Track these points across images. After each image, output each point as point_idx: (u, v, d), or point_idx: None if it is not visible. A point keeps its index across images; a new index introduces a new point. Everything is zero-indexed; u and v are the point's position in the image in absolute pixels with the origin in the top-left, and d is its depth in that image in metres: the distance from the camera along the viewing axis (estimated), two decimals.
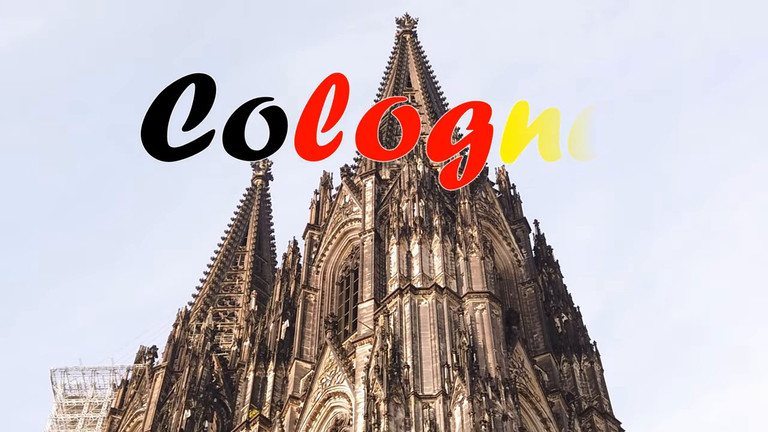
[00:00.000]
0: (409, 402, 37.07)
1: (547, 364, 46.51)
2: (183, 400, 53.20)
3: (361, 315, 44.26)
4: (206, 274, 76.97)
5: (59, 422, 64.63)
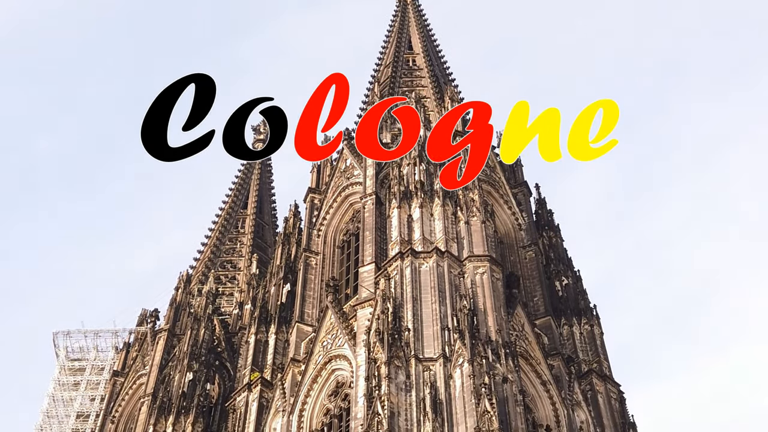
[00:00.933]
0: (409, 365, 37.25)
1: (547, 327, 46.68)
2: (185, 363, 53.44)
3: (362, 278, 44.37)
4: (207, 238, 77.03)
5: (62, 384, 64.97)
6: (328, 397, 41.99)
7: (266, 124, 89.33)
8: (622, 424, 43.49)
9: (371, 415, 34.71)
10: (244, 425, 43.70)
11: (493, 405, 34.25)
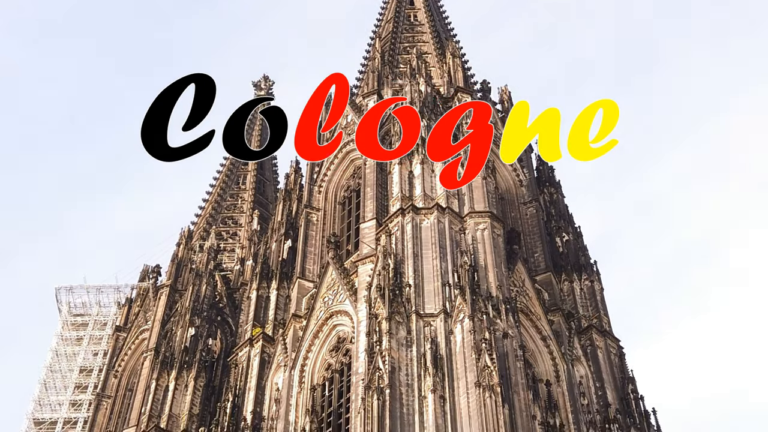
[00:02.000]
0: (410, 320, 37.43)
1: (547, 283, 46.84)
2: (187, 318, 53.71)
3: (363, 234, 44.44)
4: (209, 194, 77.04)
5: (65, 339, 65.40)
6: (330, 352, 42.24)
7: (267, 79, 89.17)
8: (621, 379, 43.77)
9: (372, 370, 34.94)
10: (246, 380, 44.01)
11: (494, 360, 34.46)
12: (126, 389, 58.54)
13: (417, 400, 34.42)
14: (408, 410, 34.05)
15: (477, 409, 33.22)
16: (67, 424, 59.99)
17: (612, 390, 42.94)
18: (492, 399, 33.10)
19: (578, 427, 39.95)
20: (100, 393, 58.77)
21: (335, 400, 40.25)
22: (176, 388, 49.75)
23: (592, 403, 41.71)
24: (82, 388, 62.20)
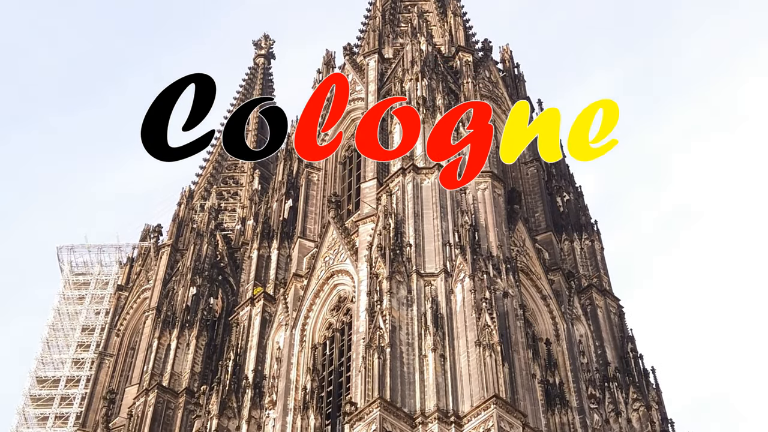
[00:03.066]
0: (411, 280, 37.56)
1: (548, 242, 46.93)
2: (188, 278, 53.87)
3: (363, 194, 44.46)
4: (209, 154, 76.94)
5: (67, 298, 65.66)
6: (331, 311, 42.43)
7: (268, 38, 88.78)
8: (621, 338, 43.99)
9: (373, 329, 35.11)
10: (247, 339, 44.24)
11: (494, 319, 34.62)
12: (128, 348, 58.91)
13: (417, 359, 34.63)
14: (408, 369, 34.27)
15: (477, 367, 33.44)
16: (69, 382, 60.42)
17: (611, 349, 43.19)
18: (492, 358, 33.30)
19: (577, 386, 40.24)
20: (102, 351, 59.15)
21: (336, 359, 40.50)
22: (178, 346, 50.03)
23: (592, 362, 41.97)
24: (84, 347, 62.57)
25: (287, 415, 39.03)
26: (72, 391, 59.72)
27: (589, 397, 40.34)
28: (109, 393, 53.62)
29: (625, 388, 41.18)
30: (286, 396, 39.88)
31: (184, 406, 47.47)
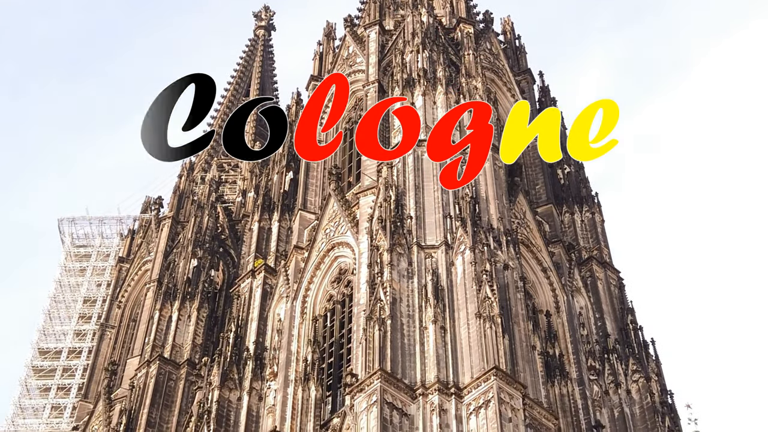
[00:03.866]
0: (411, 252, 37.60)
1: (548, 214, 46.97)
2: (189, 250, 53.92)
3: (364, 166, 44.43)
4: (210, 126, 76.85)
5: (68, 270, 65.79)
6: (331, 283, 42.51)
7: (268, 10, 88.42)
8: (621, 310, 44.09)
9: (374, 301, 35.19)
10: (248, 311, 44.35)
11: (494, 291, 34.69)
12: (129, 319, 59.08)
13: (418, 331, 34.73)
14: (409, 341, 34.38)
15: (477, 339, 33.54)
16: (71, 354, 60.65)
17: (611, 321, 43.31)
18: (492, 329, 33.40)
19: (577, 357, 40.41)
20: (103, 323, 59.32)
21: (337, 331, 40.64)
22: (179, 318, 50.16)
23: (592, 334, 42.11)
24: (86, 319, 62.75)
25: (288, 386, 39.21)
26: (74, 362, 59.97)
27: (589, 368, 40.51)
28: (111, 364, 53.83)
29: (624, 360, 41.34)
30: (287, 367, 40.04)
31: (185, 377, 47.67)
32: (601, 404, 39.64)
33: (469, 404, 31.78)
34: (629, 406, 40.15)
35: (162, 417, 46.55)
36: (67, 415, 56.39)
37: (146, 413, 46.24)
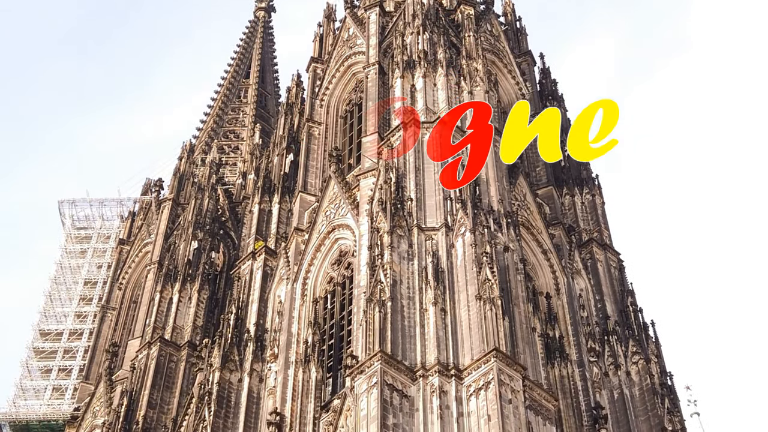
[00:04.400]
0: (412, 234, 37.59)
1: (549, 197, 46.96)
2: (190, 232, 54.00)
3: (364, 149, 44.38)
4: (210, 108, 76.86)
5: (69, 252, 65.82)
6: (332, 265, 42.54)
7: None
8: (621, 292, 44.14)
9: (374, 283, 35.20)
10: (248, 293, 44.39)
11: (494, 273, 34.70)
12: (130, 301, 59.23)
13: (418, 313, 34.76)
14: (409, 322, 34.42)
15: (477, 321, 33.58)
16: (72, 335, 60.74)
17: (611, 303, 43.37)
18: (492, 311, 33.43)
19: (577, 339, 40.50)
20: (104, 305, 59.47)
21: (337, 313, 40.70)
22: (180, 300, 50.31)
23: (592, 316, 42.19)
24: (86, 300, 62.82)
25: (289, 368, 39.30)
26: (75, 343, 60.07)
27: (589, 350, 40.60)
28: (112, 346, 54.01)
29: (624, 342, 41.42)
30: (287, 349, 40.13)
31: (186, 359, 47.88)
32: (600, 386, 39.76)
33: (469, 386, 31.85)
34: (629, 387, 40.27)
35: (163, 398, 46.79)
36: (68, 397, 56.53)
37: (147, 394, 46.46)
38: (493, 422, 30.14)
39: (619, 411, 39.33)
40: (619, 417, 39.16)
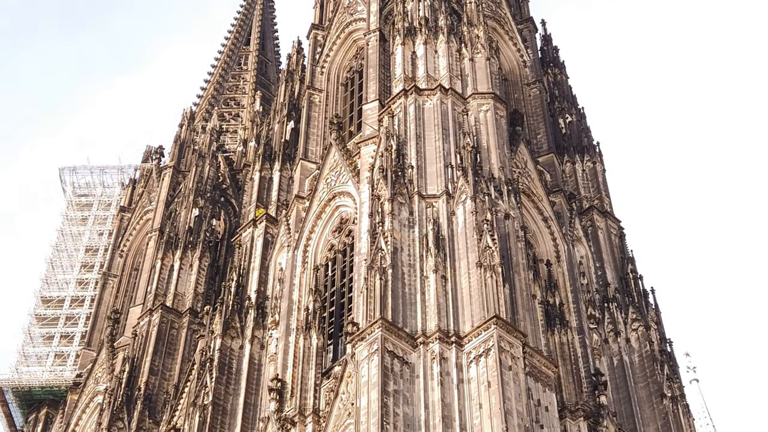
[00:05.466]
0: (412, 201, 37.58)
1: (550, 164, 46.91)
2: (190, 199, 54.03)
3: (365, 116, 44.30)
4: (210, 75, 76.61)
5: (70, 219, 65.82)
6: (332, 233, 42.59)
7: None
8: (621, 259, 44.26)
9: (375, 251, 35.23)
10: (249, 260, 44.48)
11: (495, 240, 34.74)
12: (132, 268, 59.36)
13: (419, 280, 34.82)
14: (410, 290, 34.50)
15: (478, 288, 33.64)
16: (74, 302, 60.87)
17: (612, 270, 43.48)
18: (493, 279, 33.50)
19: (577, 306, 40.62)
20: (106, 272, 59.59)
21: (338, 280, 40.79)
22: (181, 267, 50.44)
23: (592, 283, 42.31)
24: (88, 267, 62.90)
25: (290, 335, 39.48)
26: (77, 310, 60.22)
27: (589, 317, 40.75)
28: (114, 313, 54.20)
29: (624, 309, 41.57)
30: (288, 316, 40.28)
31: (187, 326, 48.09)
32: (600, 352, 39.95)
33: (470, 352, 31.98)
34: (628, 354, 40.47)
35: (165, 365, 47.06)
36: (70, 363, 56.76)
37: (149, 361, 46.72)
38: (493, 388, 30.29)
39: (618, 377, 39.55)
40: (618, 383, 39.38)
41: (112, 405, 45.37)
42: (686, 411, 38.88)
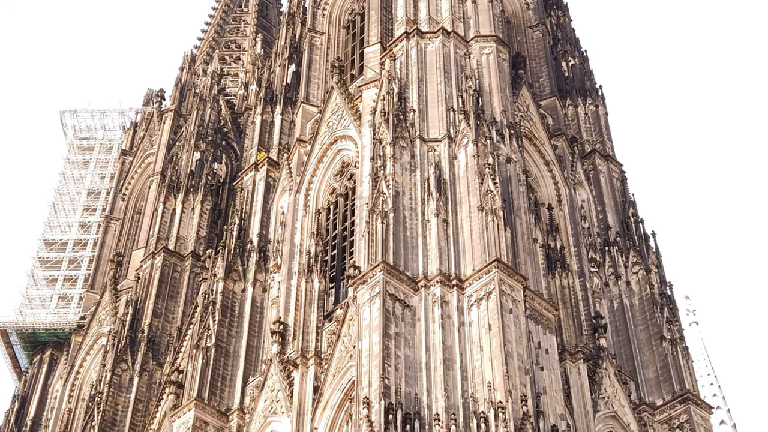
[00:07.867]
0: (414, 145, 37.52)
1: (552, 107, 46.74)
2: (192, 143, 53.97)
3: (367, 59, 44.05)
4: (211, 17, 75.97)
5: (72, 162, 65.79)
6: (334, 176, 42.61)
7: None
8: (623, 203, 44.34)
9: (376, 194, 35.25)
10: (251, 203, 44.57)
11: (497, 184, 34.74)
12: (134, 212, 59.48)
13: (420, 224, 34.90)
14: (411, 233, 34.59)
15: (479, 232, 33.74)
16: (77, 245, 61.08)
17: (613, 213, 43.58)
18: (494, 222, 33.57)
19: (578, 250, 40.78)
20: (108, 215, 59.72)
21: (340, 224, 40.91)
22: (183, 211, 50.52)
23: (593, 226, 42.44)
24: (90, 211, 63.02)
25: (292, 278, 39.68)
26: (80, 253, 60.46)
27: (590, 260, 40.93)
28: (117, 256, 54.46)
29: (625, 252, 41.75)
30: (290, 260, 40.45)
31: (190, 269, 48.32)
32: (600, 296, 40.20)
33: (471, 296, 32.17)
34: (629, 297, 40.73)
35: (168, 307, 47.41)
36: (74, 306, 57.14)
37: (152, 304, 47.06)
38: (494, 331, 30.52)
39: (618, 320, 39.84)
40: (618, 326, 39.69)
41: (116, 347, 45.81)
42: (685, 353, 39.21)
